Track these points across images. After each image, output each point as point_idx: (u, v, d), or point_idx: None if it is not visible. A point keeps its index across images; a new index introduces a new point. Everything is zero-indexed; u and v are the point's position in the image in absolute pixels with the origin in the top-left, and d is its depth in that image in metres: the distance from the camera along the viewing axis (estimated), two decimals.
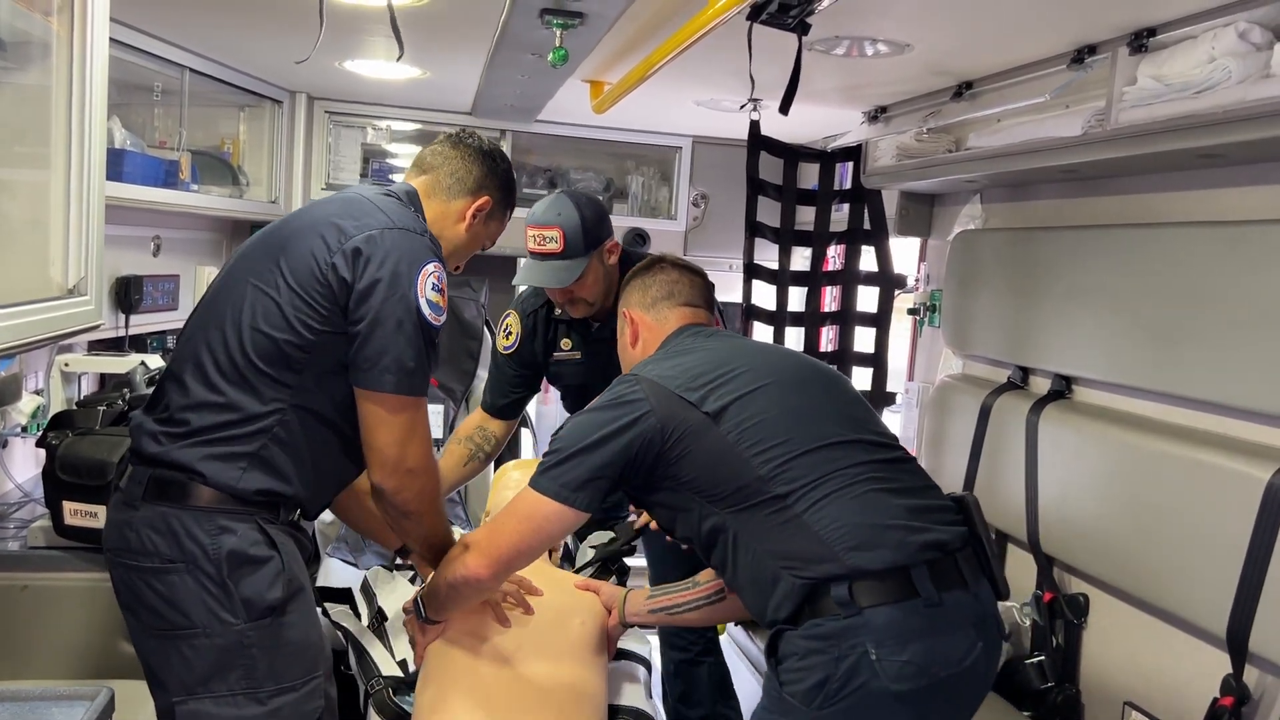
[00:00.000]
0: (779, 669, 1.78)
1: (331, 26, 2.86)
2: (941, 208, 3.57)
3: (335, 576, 2.64)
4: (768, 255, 3.69)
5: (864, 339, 3.75)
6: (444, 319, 1.89)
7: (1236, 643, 2.04)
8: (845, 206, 3.69)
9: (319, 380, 1.83)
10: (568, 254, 2.63)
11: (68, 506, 2.51)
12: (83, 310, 1.56)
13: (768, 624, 1.83)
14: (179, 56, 3.34)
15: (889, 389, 3.70)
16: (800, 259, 3.77)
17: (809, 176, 3.71)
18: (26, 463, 3.12)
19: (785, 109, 2.24)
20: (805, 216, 3.69)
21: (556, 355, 2.88)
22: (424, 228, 1.93)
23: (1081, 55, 2.30)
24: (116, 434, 2.54)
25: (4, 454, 2.96)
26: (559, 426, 1.99)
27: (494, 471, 2.99)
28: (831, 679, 1.68)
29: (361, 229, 1.83)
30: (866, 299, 3.75)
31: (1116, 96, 2.19)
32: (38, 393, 2.96)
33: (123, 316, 3.26)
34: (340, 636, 2.36)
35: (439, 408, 4.07)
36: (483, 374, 4.11)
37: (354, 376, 1.82)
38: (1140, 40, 2.13)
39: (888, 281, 3.68)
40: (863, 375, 3.71)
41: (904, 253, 3.81)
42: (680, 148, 4.63)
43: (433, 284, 1.84)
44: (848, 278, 3.76)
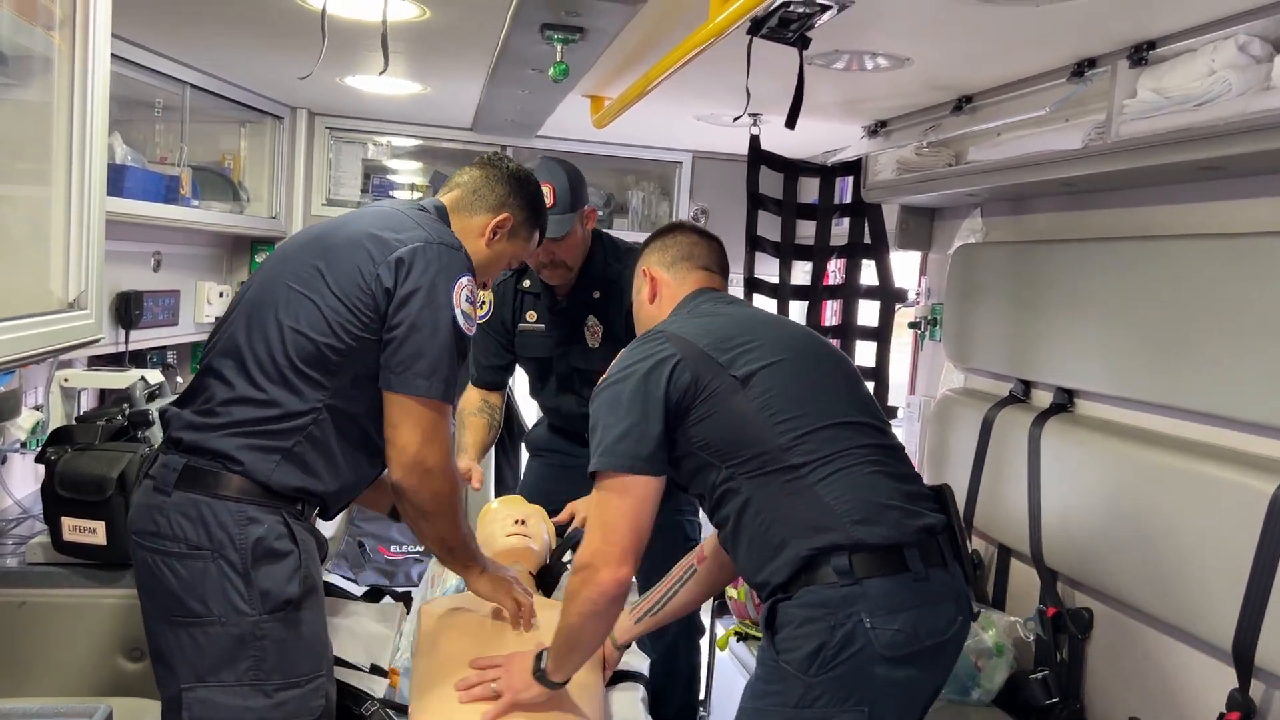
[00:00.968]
0: (775, 639, 1.84)
1: (332, 42, 2.87)
2: (942, 221, 3.57)
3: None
4: (769, 269, 3.69)
5: (865, 353, 3.75)
6: (475, 330, 1.99)
7: (1242, 657, 2.03)
8: (845, 220, 3.70)
9: (354, 383, 1.93)
10: (559, 208, 2.76)
11: (66, 522, 2.49)
12: (83, 324, 1.55)
13: (757, 585, 1.93)
14: (181, 73, 3.35)
15: (890, 403, 3.69)
16: (801, 273, 3.77)
17: (809, 191, 3.71)
18: (25, 478, 3.11)
19: (791, 123, 2.24)
20: (806, 231, 3.70)
21: (522, 326, 3.04)
22: (459, 242, 2.03)
23: (1081, 68, 2.31)
24: (116, 449, 2.53)
25: (3, 470, 2.94)
26: (592, 396, 1.97)
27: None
28: (827, 645, 1.76)
29: (404, 241, 1.93)
30: (867, 313, 3.75)
31: (1116, 109, 2.19)
32: (37, 408, 2.95)
33: (123, 332, 3.25)
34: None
35: None
36: None
37: (384, 379, 1.91)
38: (1140, 53, 2.14)
39: (888, 295, 3.68)
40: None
41: (904, 267, 3.81)
42: (680, 163, 4.64)
43: (466, 296, 1.95)
44: (848, 292, 3.76)
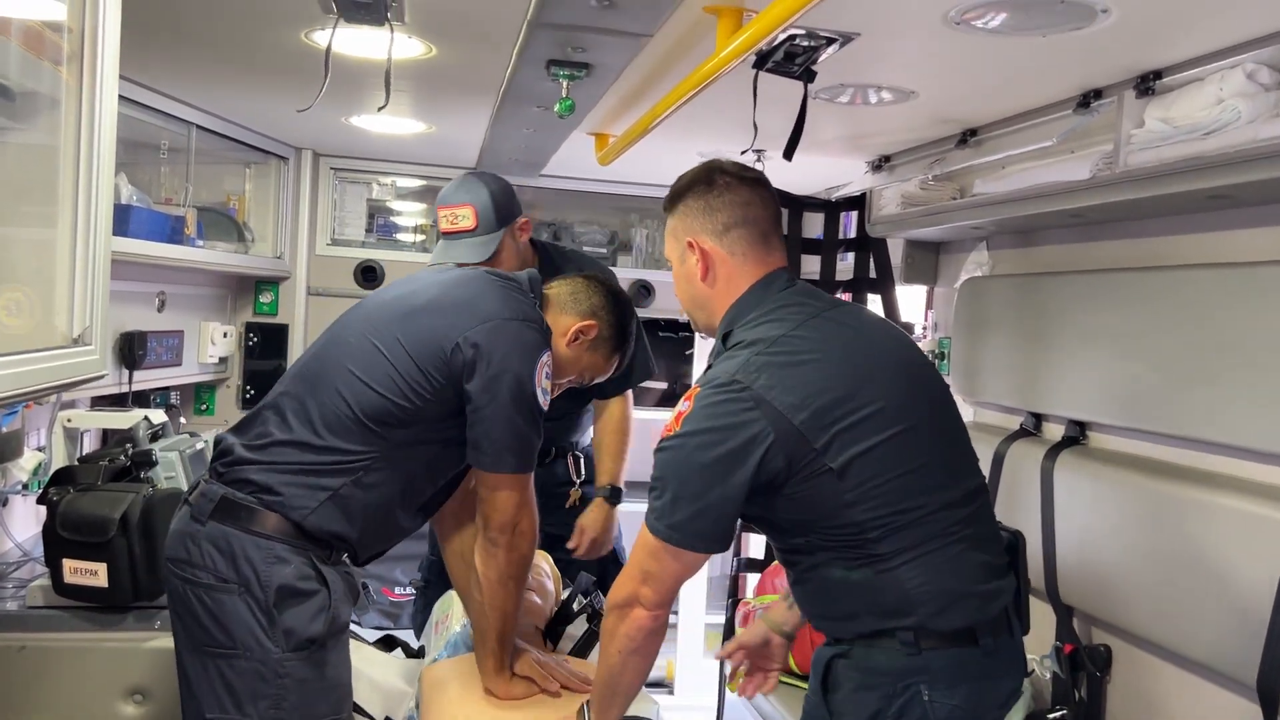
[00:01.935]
0: (828, 698, 1.79)
1: (338, 82, 2.88)
2: (947, 255, 3.57)
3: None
4: None
5: None
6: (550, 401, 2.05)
7: (1268, 692, 1.98)
8: (850, 255, 3.69)
9: (413, 439, 1.99)
10: (481, 230, 2.70)
11: (68, 565, 2.47)
12: (87, 360, 1.54)
13: (812, 621, 1.89)
14: (186, 113, 3.37)
15: None
16: None
17: (814, 226, 3.71)
18: (27, 521, 3.08)
19: (789, 154, 2.24)
20: (811, 266, 3.68)
21: None
22: (539, 316, 2.08)
23: (1088, 99, 2.30)
24: (119, 490, 2.51)
25: (4, 512, 2.92)
26: (659, 445, 1.73)
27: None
28: (883, 714, 1.71)
29: (488, 316, 1.98)
30: None
31: (1124, 140, 2.18)
32: (40, 449, 2.93)
33: (126, 372, 3.24)
34: None
35: None
36: None
37: (476, 458, 2.01)
38: (1147, 84, 2.13)
39: None
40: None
41: (910, 301, 3.80)
42: None
43: (546, 373, 2.02)
44: None
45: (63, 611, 2.53)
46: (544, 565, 2.62)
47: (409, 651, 2.65)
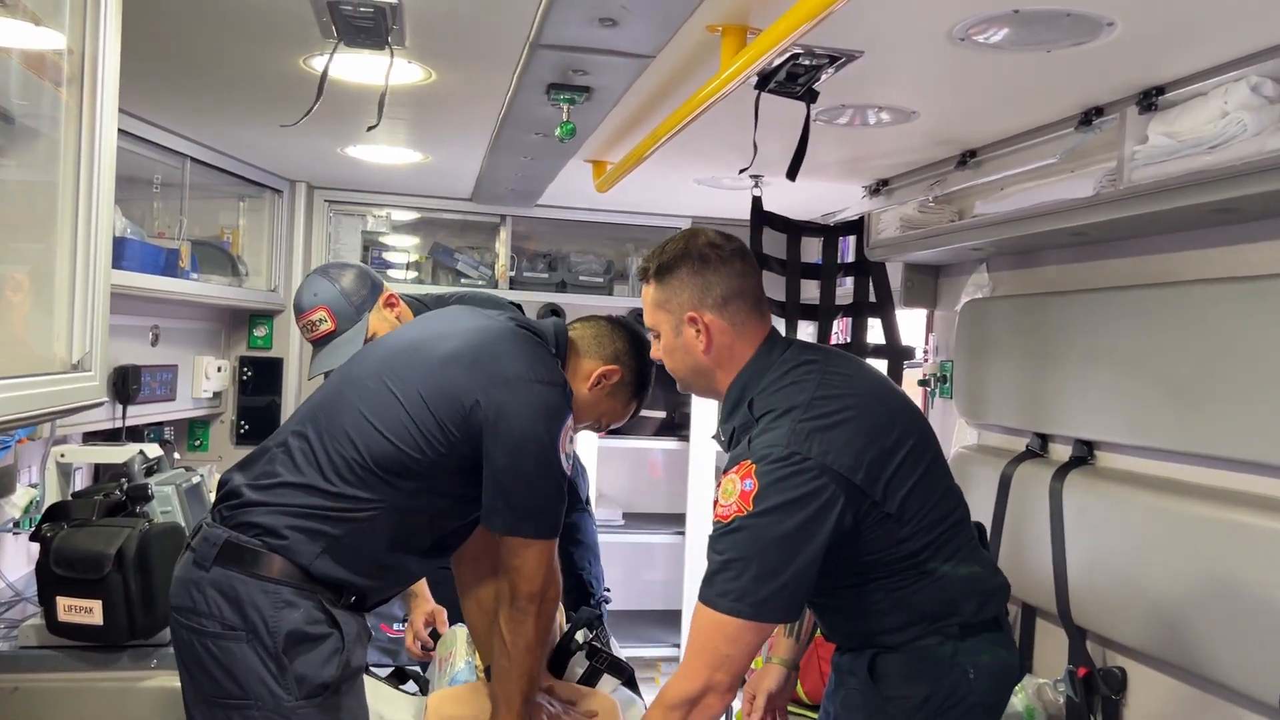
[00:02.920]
0: (878, 685, 1.88)
1: (334, 111, 2.87)
2: (947, 279, 3.56)
3: None
4: None
5: None
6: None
7: None
8: (849, 280, 3.68)
9: (422, 489, 1.93)
10: (343, 326, 2.65)
11: (62, 602, 2.40)
12: (86, 386, 1.50)
13: (844, 638, 1.98)
14: (181, 145, 3.35)
15: None
16: (807, 333, 3.74)
17: (812, 251, 3.70)
18: (18, 560, 3.02)
19: (793, 174, 2.23)
20: (810, 291, 3.68)
21: None
22: (563, 379, 2.02)
23: (1089, 117, 2.30)
24: (114, 525, 2.45)
25: None
26: (729, 527, 1.75)
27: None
28: (935, 695, 1.84)
29: (513, 378, 1.92)
30: None
31: (1128, 156, 2.18)
32: (33, 486, 2.88)
33: (120, 407, 3.19)
34: None
35: None
36: None
37: (496, 522, 1.93)
38: (1149, 99, 2.13)
39: (896, 354, 3.64)
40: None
41: (911, 325, 3.79)
42: (680, 229, 4.62)
43: (570, 438, 1.98)
44: (855, 350, 3.72)
45: (56, 651, 2.46)
46: None
47: (419, 683, 2.59)
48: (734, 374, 1.91)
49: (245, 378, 4.19)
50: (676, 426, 4.98)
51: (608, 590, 3.20)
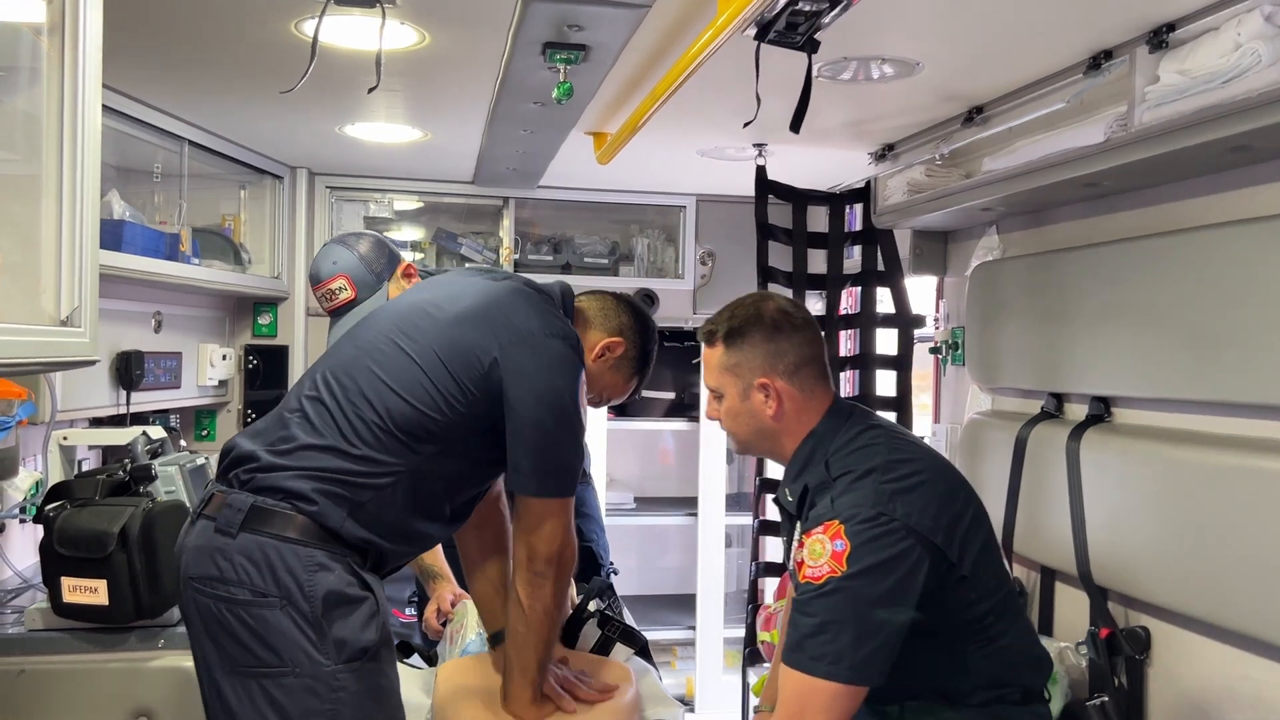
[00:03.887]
0: None
1: (329, 86, 2.84)
2: (956, 244, 3.51)
3: None
4: None
5: (885, 382, 3.65)
6: None
7: None
8: (857, 249, 3.64)
9: (442, 452, 1.89)
10: (362, 295, 2.59)
11: (66, 583, 2.38)
12: (77, 342, 1.46)
13: (899, 688, 1.91)
14: (177, 128, 3.32)
15: (915, 433, 3.58)
16: (815, 303, 3.69)
17: (818, 221, 3.65)
18: (26, 548, 2.99)
19: (796, 126, 2.18)
20: (817, 261, 3.63)
21: None
22: (575, 334, 1.99)
23: (1098, 61, 2.25)
24: (117, 504, 2.43)
25: (2, 538, 2.83)
26: (820, 590, 1.78)
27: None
28: None
29: (528, 334, 1.90)
30: (885, 342, 3.66)
31: (1139, 97, 2.13)
32: (36, 471, 2.85)
33: (123, 393, 3.16)
34: None
35: None
36: None
37: (519, 481, 1.90)
38: (1160, 37, 2.08)
39: (906, 322, 3.59)
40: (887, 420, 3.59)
41: (920, 292, 3.73)
42: (684, 207, 4.60)
43: (585, 392, 1.96)
44: (865, 320, 3.67)
45: (63, 633, 2.45)
46: None
47: (425, 658, 2.56)
48: (801, 438, 2.00)
49: (251, 366, 4.16)
50: (686, 407, 4.94)
51: (612, 563, 3.16)
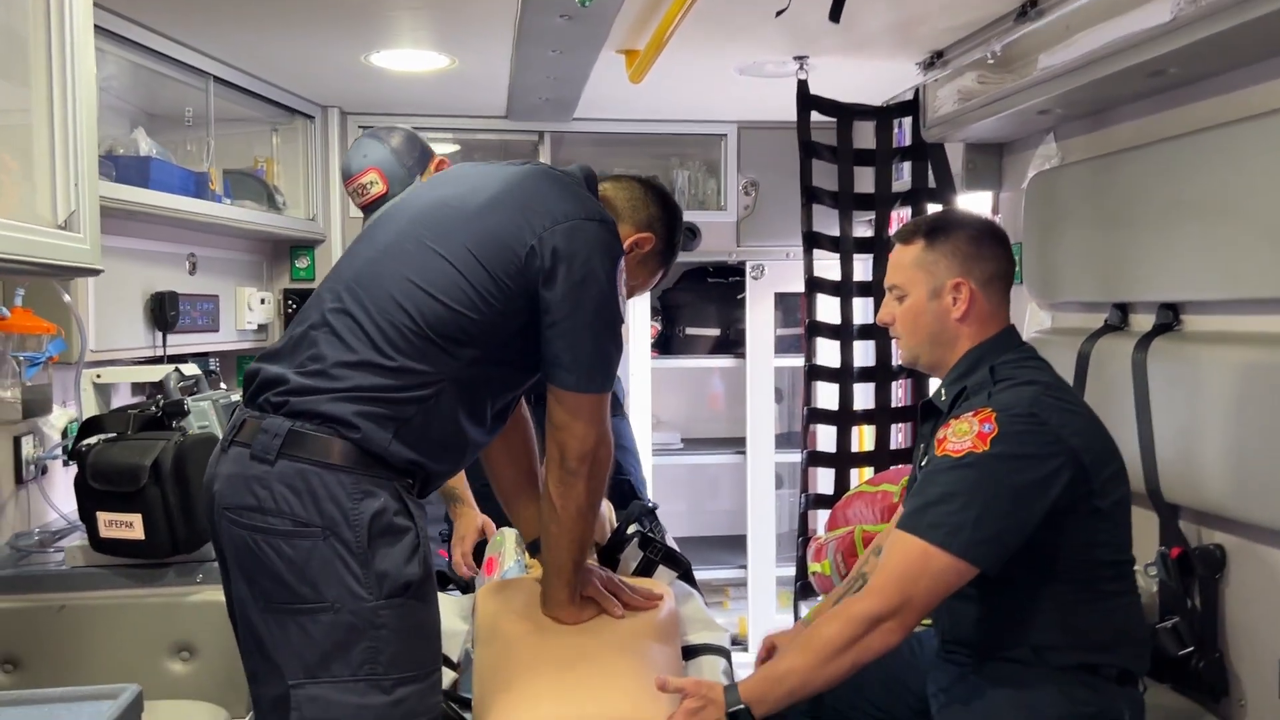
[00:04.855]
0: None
1: (353, 12, 2.76)
2: (1011, 155, 3.34)
3: None
4: (827, 223, 3.47)
5: None
6: None
7: None
8: (906, 166, 3.48)
9: (482, 356, 1.77)
10: (394, 189, 2.50)
11: (102, 518, 2.36)
12: (77, 247, 1.39)
13: (978, 638, 1.93)
14: (201, 63, 3.25)
15: None
16: (863, 224, 3.55)
17: (865, 137, 3.50)
18: (69, 490, 2.98)
19: (836, 15, 2.06)
20: (864, 180, 3.48)
21: None
22: (609, 215, 1.88)
23: None
24: (149, 438, 2.40)
25: (44, 481, 2.83)
26: (958, 461, 1.81)
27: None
28: None
29: (564, 216, 1.78)
30: None
31: None
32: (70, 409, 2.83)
33: (159, 335, 3.13)
34: None
35: None
36: None
37: (559, 376, 1.79)
38: None
39: None
40: None
41: (973, 209, 3.56)
42: (725, 135, 4.46)
43: (624, 279, 1.85)
44: None
45: (102, 569, 2.43)
46: None
47: (461, 588, 2.51)
48: (973, 345, 1.99)
49: (291, 309, 4.12)
50: (732, 344, 4.82)
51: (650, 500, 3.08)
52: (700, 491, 5.31)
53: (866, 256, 3.50)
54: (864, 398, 3.60)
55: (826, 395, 3.54)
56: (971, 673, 1.94)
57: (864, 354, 3.61)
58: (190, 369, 2.83)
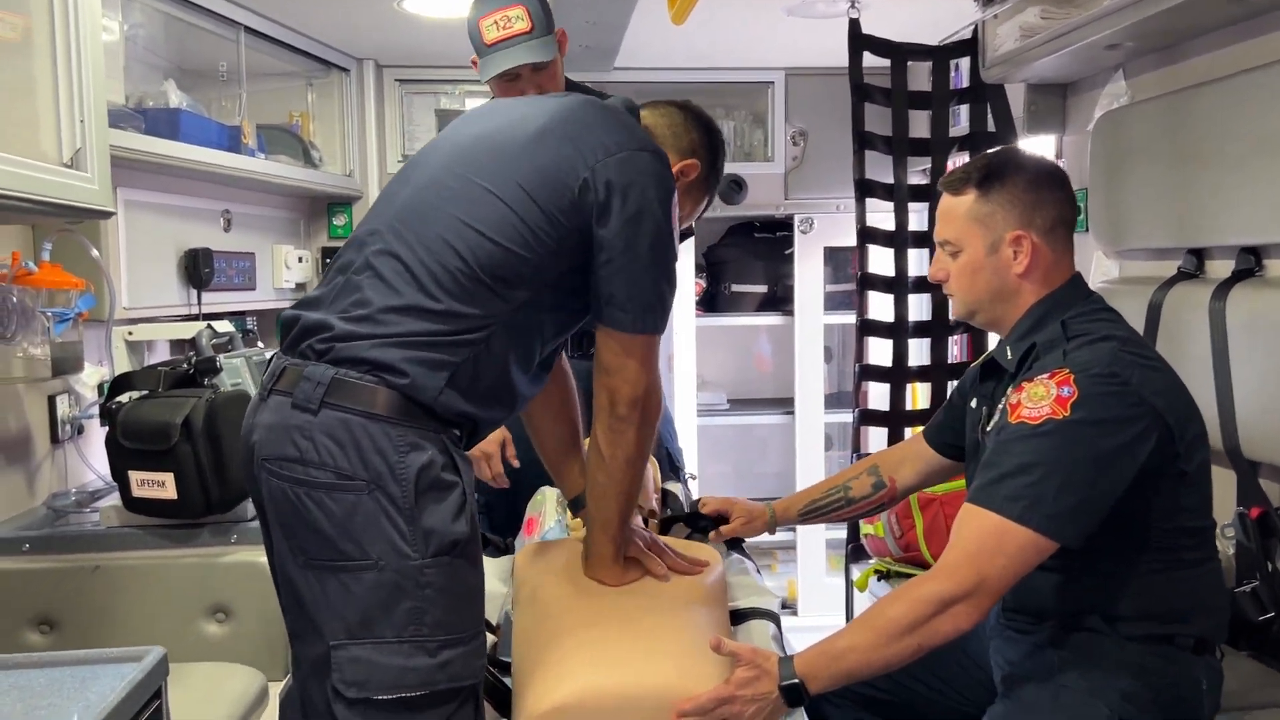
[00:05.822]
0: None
1: None
2: (1076, 96, 3.16)
3: None
4: (881, 169, 3.33)
5: None
6: None
7: None
8: (964, 109, 3.31)
9: (534, 298, 1.67)
10: (538, 31, 2.38)
11: (134, 476, 2.32)
12: (84, 186, 1.32)
13: (1047, 605, 1.83)
14: (232, 12, 3.18)
15: None
16: (918, 171, 3.40)
17: (920, 79, 3.33)
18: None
19: None
20: (920, 124, 3.32)
21: None
22: (658, 145, 1.77)
23: None
24: (180, 395, 2.35)
25: (81, 441, 2.80)
26: (1036, 429, 1.68)
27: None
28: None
29: (617, 147, 1.67)
30: None
31: None
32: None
33: (193, 292, 3.08)
34: None
35: None
36: None
37: (614, 317, 1.69)
38: None
39: None
40: None
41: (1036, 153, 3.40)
42: (772, 82, 4.30)
43: (676, 214, 1.74)
44: None
45: (136, 529, 2.40)
46: None
47: (499, 550, 2.44)
48: (1038, 298, 1.85)
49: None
50: (780, 301, 4.69)
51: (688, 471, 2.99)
52: (747, 453, 5.21)
53: (922, 205, 3.35)
54: (919, 353, 3.48)
55: (879, 351, 3.42)
56: (1041, 643, 1.83)
57: (919, 308, 3.49)
58: (224, 326, 2.77)
